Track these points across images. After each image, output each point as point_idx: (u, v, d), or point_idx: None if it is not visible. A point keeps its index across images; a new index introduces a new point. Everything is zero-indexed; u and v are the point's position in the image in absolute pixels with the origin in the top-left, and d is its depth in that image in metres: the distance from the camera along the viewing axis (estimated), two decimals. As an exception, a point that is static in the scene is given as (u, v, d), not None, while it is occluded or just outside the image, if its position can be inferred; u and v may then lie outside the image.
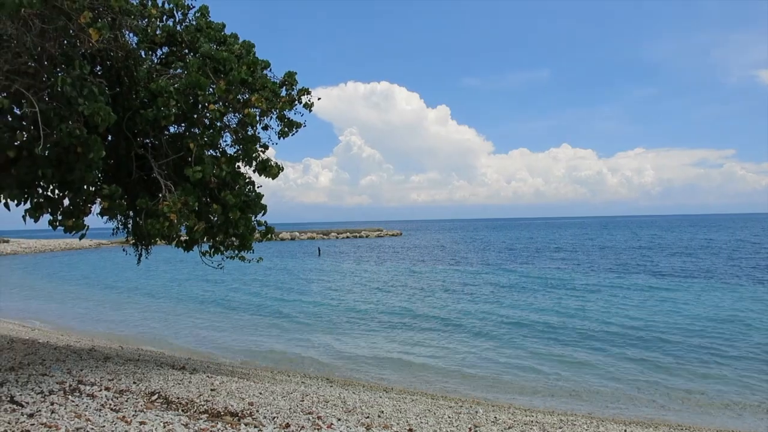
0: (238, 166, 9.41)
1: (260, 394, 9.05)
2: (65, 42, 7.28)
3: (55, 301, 28.93)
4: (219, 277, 34.84)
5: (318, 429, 6.66)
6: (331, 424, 7.04)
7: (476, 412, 9.91)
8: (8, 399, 5.94)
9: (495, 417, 9.49)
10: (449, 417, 9.03)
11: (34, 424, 5.10)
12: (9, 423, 5.05)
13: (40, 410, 5.65)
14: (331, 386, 12.15)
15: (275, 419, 6.88)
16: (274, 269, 45.81)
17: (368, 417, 8.14)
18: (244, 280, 36.41)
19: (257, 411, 7.27)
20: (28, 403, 5.91)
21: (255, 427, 6.23)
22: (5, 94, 6.91)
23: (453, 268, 45.29)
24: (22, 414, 5.40)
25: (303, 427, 6.64)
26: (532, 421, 9.43)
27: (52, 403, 6.05)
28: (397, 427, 7.65)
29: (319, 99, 10.12)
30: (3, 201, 7.40)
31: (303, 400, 8.91)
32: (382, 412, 8.79)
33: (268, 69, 9.55)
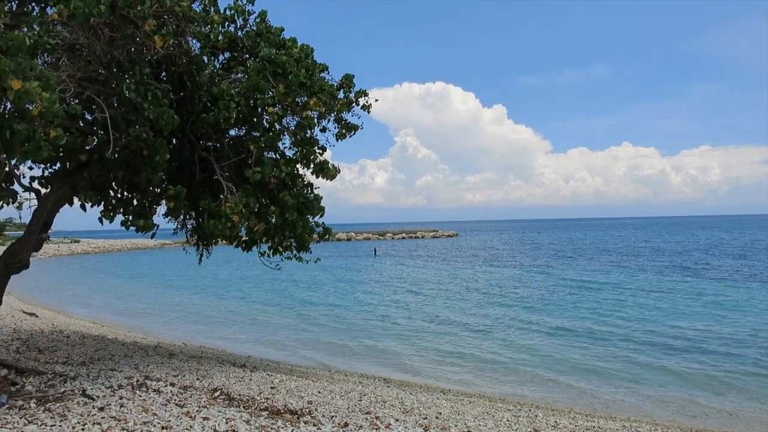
0: (297, 168, 9.52)
1: (319, 393, 9.14)
2: (132, 49, 7.56)
3: (121, 299, 30.01)
4: (276, 278, 35.37)
5: (376, 429, 6.67)
6: (389, 424, 7.02)
7: (536, 416, 9.70)
8: (80, 392, 6.19)
9: (555, 421, 9.26)
10: (508, 420, 8.88)
11: (104, 417, 5.30)
12: (81, 416, 5.27)
13: (109, 404, 5.86)
14: (389, 386, 12.14)
15: (334, 418, 6.92)
16: (331, 268, 46.24)
17: (426, 418, 8.09)
18: (300, 281, 36.89)
19: (316, 409, 7.34)
20: (98, 396, 6.14)
21: (314, 425, 6.28)
22: (77, 100, 7.24)
23: (511, 269, 44.61)
24: (93, 407, 5.62)
25: (361, 426, 6.66)
26: (594, 427, 9.16)
27: (120, 398, 6.27)
28: (456, 429, 7.56)
29: (376, 101, 10.15)
30: (80, 203, 7.81)
31: (361, 400, 8.95)
32: (440, 413, 8.72)
33: (326, 72, 9.63)
